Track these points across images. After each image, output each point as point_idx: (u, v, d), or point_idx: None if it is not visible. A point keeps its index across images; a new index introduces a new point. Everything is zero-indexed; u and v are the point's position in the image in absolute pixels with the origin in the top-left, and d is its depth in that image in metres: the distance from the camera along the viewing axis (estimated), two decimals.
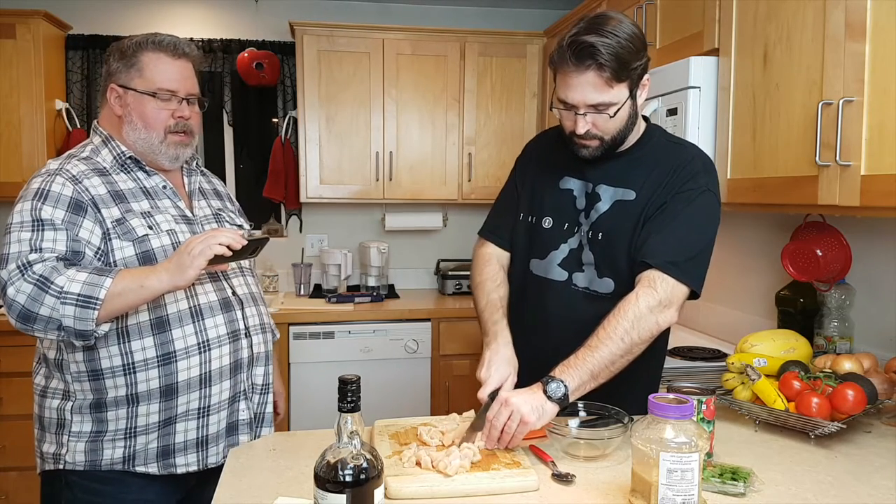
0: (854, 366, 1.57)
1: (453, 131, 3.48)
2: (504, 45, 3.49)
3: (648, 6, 2.35)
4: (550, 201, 1.56)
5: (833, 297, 1.93)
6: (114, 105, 1.52)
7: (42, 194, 1.40)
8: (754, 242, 2.36)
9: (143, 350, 1.41)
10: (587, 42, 1.32)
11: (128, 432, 1.43)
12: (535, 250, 1.57)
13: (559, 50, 1.38)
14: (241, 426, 1.54)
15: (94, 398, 1.43)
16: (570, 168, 1.55)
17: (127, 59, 1.51)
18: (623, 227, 1.46)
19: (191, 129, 1.56)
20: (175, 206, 1.54)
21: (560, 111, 1.43)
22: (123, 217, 1.44)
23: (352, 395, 0.92)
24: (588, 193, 1.52)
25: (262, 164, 3.67)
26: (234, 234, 1.38)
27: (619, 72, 1.34)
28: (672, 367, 2.05)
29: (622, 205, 1.48)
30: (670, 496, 0.98)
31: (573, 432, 1.34)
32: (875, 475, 1.26)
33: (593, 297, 1.49)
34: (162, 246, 1.45)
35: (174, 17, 3.58)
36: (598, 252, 1.49)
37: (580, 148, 1.45)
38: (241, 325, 1.54)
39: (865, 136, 1.43)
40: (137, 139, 1.52)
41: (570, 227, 1.53)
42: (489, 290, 1.58)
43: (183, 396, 1.44)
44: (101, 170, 1.49)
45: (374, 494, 0.92)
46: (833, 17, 1.51)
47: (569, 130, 1.44)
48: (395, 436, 1.36)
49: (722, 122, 1.94)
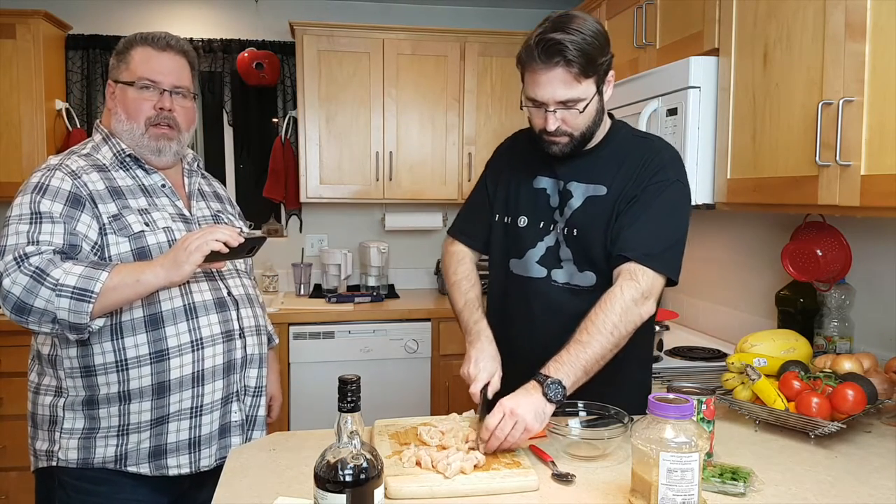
0: (854, 366, 1.57)
1: (453, 131, 3.47)
2: (504, 45, 3.48)
3: (648, 6, 2.35)
4: (525, 201, 1.58)
5: (833, 297, 1.93)
6: (109, 101, 1.55)
7: (41, 188, 1.41)
8: (754, 242, 2.36)
9: (136, 347, 1.41)
10: (555, 39, 1.36)
11: (120, 430, 1.43)
12: (514, 250, 1.59)
13: (527, 49, 1.41)
14: (233, 428, 1.54)
15: (86, 395, 1.42)
16: (542, 167, 1.57)
17: (120, 56, 1.54)
18: (596, 222, 1.48)
19: (175, 122, 1.55)
20: (173, 205, 1.55)
21: (530, 109, 1.46)
22: (120, 213, 1.44)
23: (352, 395, 0.92)
24: (560, 191, 1.54)
25: (262, 164, 3.67)
26: (232, 232, 1.39)
27: (587, 67, 1.38)
28: (672, 367, 2.05)
29: (594, 200, 1.50)
30: (670, 496, 0.98)
31: (573, 432, 1.34)
32: (875, 475, 1.26)
33: (575, 292, 1.51)
34: (158, 243, 1.46)
35: (174, 17, 3.58)
36: (575, 248, 1.51)
37: (550, 145, 1.48)
38: (235, 326, 1.53)
39: (865, 136, 1.43)
40: (122, 131, 1.52)
41: (546, 225, 1.55)
42: (466, 290, 1.61)
43: (175, 395, 1.44)
44: (101, 166, 1.50)
45: (374, 494, 0.91)
46: (833, 17, 1.51)
47: (539, 128, 1.47)
48: (395, 436, 1.36)
49: (722, 122, 1.94)
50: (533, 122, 1.49)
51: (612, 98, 2.45)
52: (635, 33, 2.43)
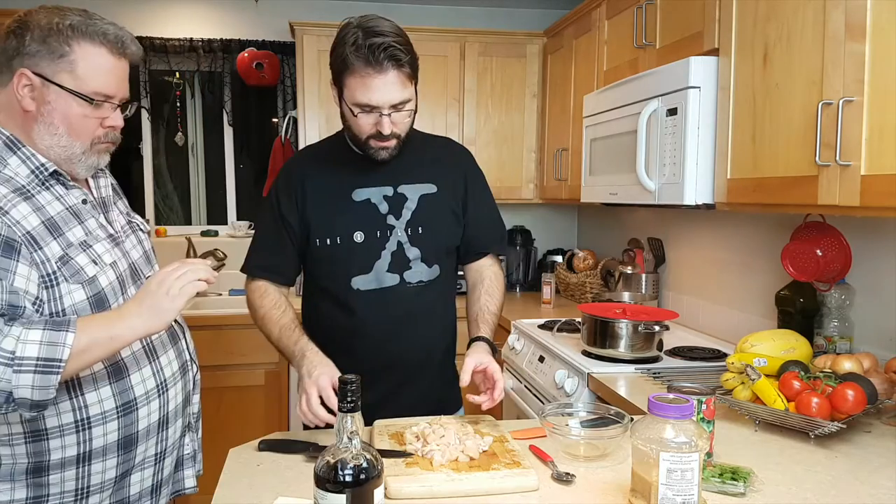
0: (854, 366, 1.56)
1: (453, 131, 3.47)
2: (504, 45, 3.49)
3: (648, 6, 2.35)
4: (352, 216, 1.57)
5: (833, 297, 1.93)
6: (21, 96, 1.20)
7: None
8: (754, 242, 2.36)
9: (100, 402, 1.22)
10: (385, 43, 1.39)
11: (78, 494, 1.24)
12: (355, 268, 1.56)
13: (354, 56, 1.40)
14: (185, 461, 1.47)
15: (31, 462, 1.19)
16: (355, 180, 1.58)
17: (53, 43, 1.19)
18: (436, 217, 1.61)
19: (118, 138, 1.32)
20: (100, 226, 1.30)
21: (357, 115, 1.47)
22: (66, 254, 1.19)
23: (352, 395, 0.92)
24: (390, 197, 1.59)
25: (262, 164, 3.68)
26: (207, 268, 1.24)
27: (413, 68, 1.47)
28: (672, 367, 2.05)
29: (428, 198, 1.61)
30: (670, 496, 0.98)
31: (573, 432, 1.34)
32: (875, 475, 1.26)
33: (424, 286, 1.61)
34: (110, 283, 1.25)
35: (174, 17, 3.59)
36: (422, 245, 1.59)
37: (379, 150, 1.51)
38: (187, 356, 1.44)
39: (865, 136, 1.43)
40: (54, 146, 1.23)
41: (384, 233, 1.57)
42: (278, 318, 1.56)
43: (142, 445, 1.30)
44: (21, 190, 1.18)
45: (374, 494, 0.92)
46: (833, 17, 1.51)
47: (367, 134, 1.49)
48: (395, 436, 1.36)
49: (722, 122, 1.94)
50: (359, 129, 1.49)
51: (612, 98, 2.47)
52: (635, 33, 2.43)
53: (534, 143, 3.59)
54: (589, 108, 2.71)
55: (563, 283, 3.48)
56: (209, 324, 3.01)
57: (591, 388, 2.01)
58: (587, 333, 2.17)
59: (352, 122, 1.50)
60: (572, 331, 2.47)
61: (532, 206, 3.88)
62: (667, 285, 2.92)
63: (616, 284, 3.02)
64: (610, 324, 2.09)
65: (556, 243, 3.98)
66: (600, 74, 2.80)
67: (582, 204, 3.06)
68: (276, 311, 1.57)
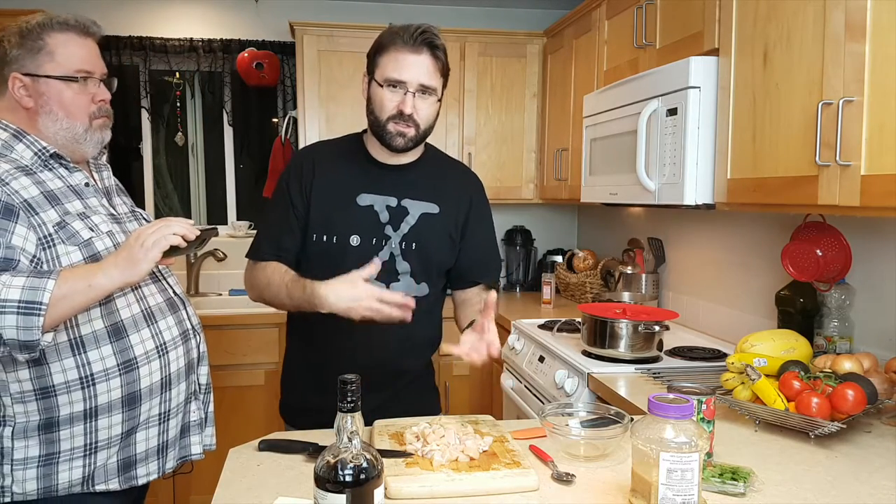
0: (854, 366, 1.56)
1: (453, 131, 3.47)
2: (504, 45, 3.48)
3: (648, 6, 2.35)
4: (352, 219, 1.58)
5: (833, 297, 1.93)
6: (20, 97, 1.37)
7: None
8: (754, 242, 2.36)
9: (102, 360, 1.33)
10: (424, 27, 1.51)
11: (87, 448, 1.34)
12: (345, 270, 1.50)
13: (395, 34, 1.53)
14: (192, 427, 1.53)
15: (42, 418, 1.31)
16: (362, 185, 1.61)
17: (30, 44, 1.36)
18: (433, 237, 1.63)
19: (110, 112, 1.47)
20: (102, 205, 1.44)
21: (383, 92, 1.53)
22: (63, 220, 1.32)
23: (352, 395, 0.92)
24: (392, 207, 1.60)
25: (262, 164, 3.68)
26: (187, 224, 1.31)
27: (445, 67, 1.55)
28: (672, 367, 2.05)
29: (428, 217, 1.63)
30: (670, 496, 0.98)
31: (573, 432, 1.34)
32: (875, 475, 1.26)
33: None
34: (106, 248, 1.36)
35: (174, 17, 3.59)
36: (414, 260, 1.61)
37: (396, 136, 1.54)
38: (188, 325, 1.51)
39: (865, 136, 1.43)
40: (59, 130, 1.39)
41: (379, 241, 1.59)
42: (282, 273, 1.54)
43: (146, 403, 1.40)
44: (25, 168, 1.35)
45: (374, 494, 0.92)
46: (833, 17, 1.51)
47: (393, 111, 1.53)
48: (395, 436, 1.36)
49: (722, 122, 1.94)
50: (382, 107, 1.54)
51: (612, 98, 2.47)
52: (635, 33, 2.43)
53: (534, 143, 3.59)
54: (589, 108, 2.71)
55: (563, 283, 3.49)
56: (209, 324, 2.98)
57: (591, 388, 2.01)
58: (587, 333, 2.17)
59: (376, 102, 1.55)
60: (572, 331, 2.48)
61: (532, 206, 3.88)
62: (667, 285, 2.92)
63: (616, 284, 3.02)
64: (610, 324, 2.09)
65: (556, 243, 3.99)
66: (600, 74, 2.81)
67: (582, 204, 3.06)
68: (279, 272, 1.56)
